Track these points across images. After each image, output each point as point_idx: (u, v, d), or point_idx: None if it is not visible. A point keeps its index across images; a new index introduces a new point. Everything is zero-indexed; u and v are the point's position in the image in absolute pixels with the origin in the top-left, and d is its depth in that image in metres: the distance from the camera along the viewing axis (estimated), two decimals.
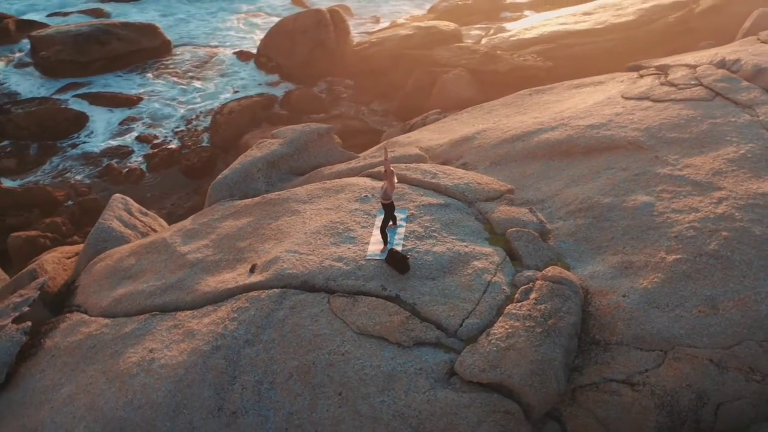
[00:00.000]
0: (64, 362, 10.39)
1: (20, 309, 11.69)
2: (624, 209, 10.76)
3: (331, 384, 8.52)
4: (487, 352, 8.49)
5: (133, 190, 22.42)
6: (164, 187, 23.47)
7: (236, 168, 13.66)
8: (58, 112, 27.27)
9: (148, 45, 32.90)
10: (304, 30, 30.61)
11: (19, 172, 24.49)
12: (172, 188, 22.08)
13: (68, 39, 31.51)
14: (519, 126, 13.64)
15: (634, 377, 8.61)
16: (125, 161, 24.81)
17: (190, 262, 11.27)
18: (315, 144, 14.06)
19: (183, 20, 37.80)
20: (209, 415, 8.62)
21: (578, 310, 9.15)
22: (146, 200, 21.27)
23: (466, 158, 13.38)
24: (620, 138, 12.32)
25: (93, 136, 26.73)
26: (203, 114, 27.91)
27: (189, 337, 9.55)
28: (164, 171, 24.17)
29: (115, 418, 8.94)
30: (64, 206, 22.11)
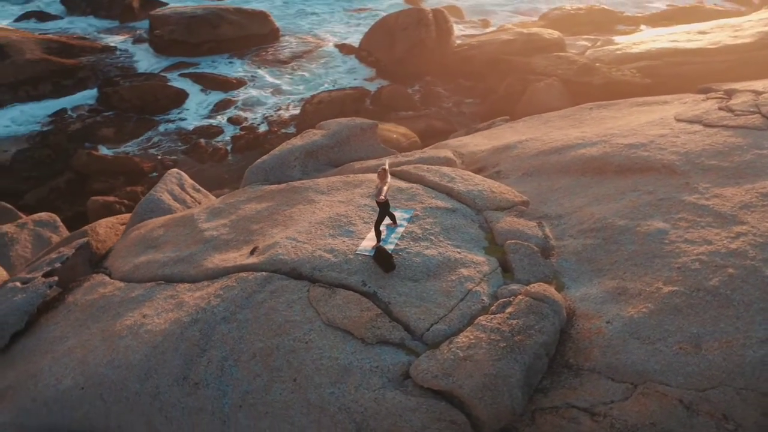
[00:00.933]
0: (76, 318, 11.19)
1: (53, 265, 12.66)
2: (636, 233, 10.36)
3: (289, 369, 8.77)
4: (444, 359, 8.47)
5: (213, 169, 23.56)
6: (243, 168, 24.39)
7: (275, 154, 14.16)
8: (160, 89, 29.00)
9: (257, 31, 34.32)
10: (404, 27, 30.98)
11: (116, 142, 26.26)
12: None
13: (182, 20, 33.41)
14: (561, 139, 13.35)
15: (597, 407, 8.32)
16: (213, 140, 26.02)
17: (205, 238, 11.83)
18: (357, 138, 14.34)
19: (295, 10, 39.04)
20: (174, 383, 9.08)
21: (553, 330, 8.93)
22: (223, 180, 22.30)
23: (501, 166, 13.25)
24: (655, 160, 11.83)
25: (189, 113, 28.23)
26: (295, 102, 28.83)
27: (177, 308, 10.08)
28: (247, 153, 25.19)
29: (96, 374, 9.57)
30: (148, 177, 23.51)
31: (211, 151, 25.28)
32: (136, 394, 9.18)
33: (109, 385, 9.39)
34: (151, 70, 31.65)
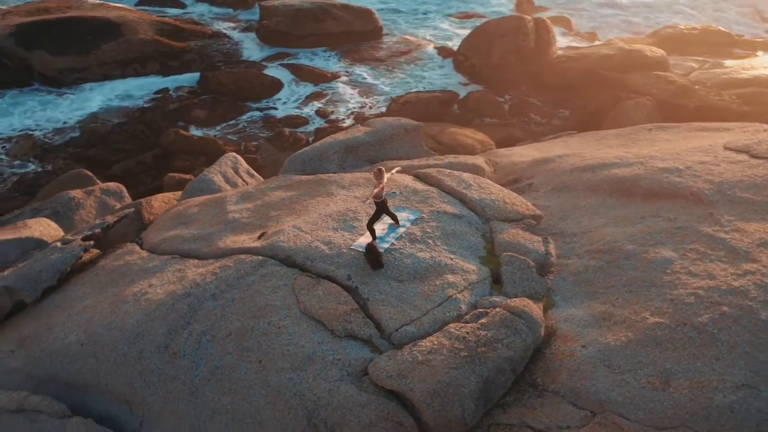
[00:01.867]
0: (99, 281, 12.00)
1: (93, 230, 13.59)
2: (641, 260, 10.02)
3: (258, 351, 9.10)
4: (403, 360, 8.56)
5: None
6: None
7: (315, 146, 14.57)
8: (256, 77, 30.19)
9: (360, 28, 35.05)
10: (502, 34, 30.77)
11: (206, 124, 27.59)
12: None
13: (289, 12, 34.60)
14: (601, 157, 13.01)
15: (551, 430, 8.18)
16: (297, 130, 26.85)
17: (227, 219, 12.37)
18: (400, 138, 14.52)
19: (401, 11, 39.47)
20: (156, 350, 9.62)
21: (523, 347, 8.81)
22: None
23: (535, 179, 13.08)
24: (685, 187, 11.34)
25: (280, 103, 29.25)
26: (383, 100, 29.27)
27: (179, 281, 10.64)
28: None
29: (95, 334, 10.27)
30: None
31: (293, 140, 26.11)
32: (123, 355, 9.77)
33: (102, 345, 10.04)
34: (254, 58, 32.98)
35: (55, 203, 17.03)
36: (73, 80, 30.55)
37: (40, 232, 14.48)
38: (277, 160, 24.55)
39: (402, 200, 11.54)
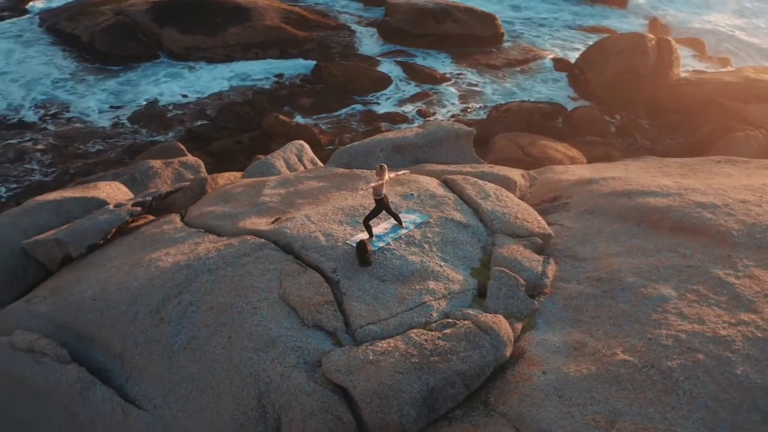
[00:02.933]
0: (134, 244, 12.86)
1: (146, 197, 14.51)
2: (637, 294, 9.59)
3: (231, 327, 9.53)
4: (355, 357, 8.70)
5: None
6: None
7: (364, 142, 14.86)
8: (366, 71, 30.86)
9: (480, 33, 34.89)
10: (619, 51, 29.68)
11: (309, 112, 28.54)
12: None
13: (410, 11, 35.02)
14: (643, 184, 12.45)
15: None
16: (395, 127, 27.22)
17: (258, 202, 12.90)
18: (450, 143, 14.52)
19: (526, 19, 38.80)
20: (148, 314, 10.26)
21: (480, 363, 8.71)
22: None
23: (572, 199, 12.73)
24: (713, 225, 10.69)
25: (384, 99, 29.75)
26: (486, 107, 29.08)
27: (189, 253, 11.26)
28: None
29: (106, 291, 11.08)
30: (324, 149, 25.31)
31: None
32: (121, 314, 10.49)
33: (108, 302, 10.81)
34: (370, 53, 33.66)
35: (134, 170, 18.24)
36: (197, 58, 32.42)
37: (106, 194, 15.59)
38: None
39: (416, 203, 11.60)
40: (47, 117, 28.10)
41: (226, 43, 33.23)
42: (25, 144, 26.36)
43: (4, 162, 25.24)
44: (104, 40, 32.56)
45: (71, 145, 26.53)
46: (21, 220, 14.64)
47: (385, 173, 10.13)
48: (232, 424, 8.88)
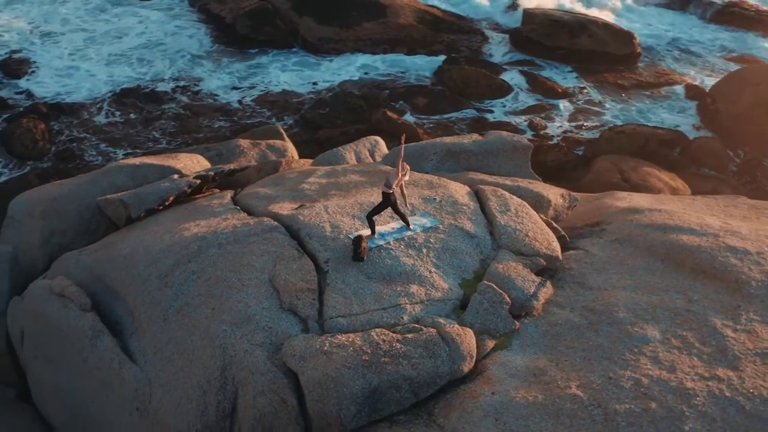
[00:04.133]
0: (181, 214, 13.66)
1: (209, 173, 15.31)
2: (621, 330, 9.16)
3: (217, 299, 10.06)
4: (312, 345, 8.94)
5: None
6: None
7: (420, 144, 14.98)
8: (485, 78, 30.66)
9: (615, 51, 33.58)
10: (756, 83, 27.60)
11: (421, 111, 28.88)
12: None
13: (545, 21, 34.35)
14: (686, 220, 11.70)
15: None
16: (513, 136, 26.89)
17: (297, 188, 13.35)
18: (507, 155, 14.29)
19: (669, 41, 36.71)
20: (157, 277, 11.00)
21: (431, 373, 8.72)
22: None
23: (611, 226, 12.22)
24: (735, 271, 9.95)
25: (499, 107, 29.47)
26: (600, 126, 28.08)
27: (213, 227, 11.89)
28: None
29: (136, 252, 11.95)
30: None
31: None
32: (138, 274, 11.29)
33: (133, 261, 11.66)
34: (496, 60, 33.34)
35: (223, 147, 19.28)
36: (328, 49, 33.49)
37: (183, 165, 16.59)
38: None
39: (435, 208, 11.59)
40: (179, 89, 30.07)
41: (357, 37, 34.10)
42: (155, 113, 28.32)
43: (133, 128, 27.32)
44: (245, 24, 34.35)
45: (195, 119, 28.27)
46: (101, 179, 15.88)
47: (407, 172, 10.28)
48: (197, 389, 9.37)
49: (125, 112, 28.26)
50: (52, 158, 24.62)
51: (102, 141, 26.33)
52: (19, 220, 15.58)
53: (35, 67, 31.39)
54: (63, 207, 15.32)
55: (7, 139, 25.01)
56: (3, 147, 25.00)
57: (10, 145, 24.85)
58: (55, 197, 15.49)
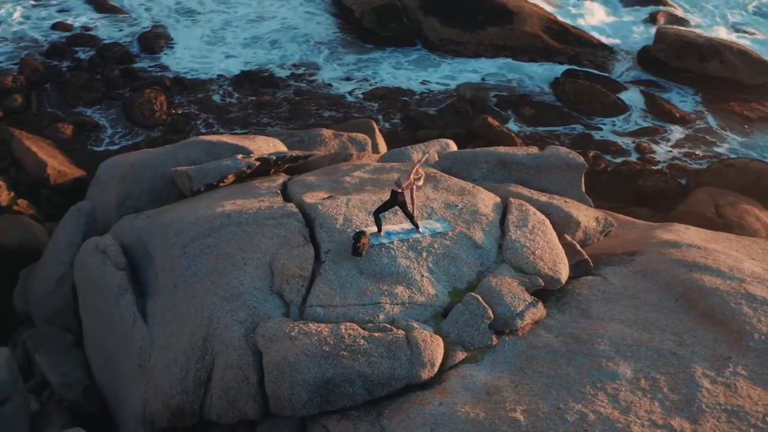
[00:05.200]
0: (233, 191, 14.24)
1: (270, 156, 15.87)
2: (593, 364, 8.83)
3: (218, 274, 10.62)
4: (282, 329, 9.28)
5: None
6: (607, 190, 24.09)
7: (473, 151, 14.87)
8: (599, 94, 29.57)
9: (747, 80, 31.28)
10: None
11: (526, 121, 28.35)
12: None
13: (676, 42, 32.58)
14: (718, 260, 10.96)
15: None
16: (606, 156, 26.02)
17: (338, 180, 13.63)
18: (559, 172, 13.86)
19: None
20: (179, 246, 11.71)
21: (387, 374, 8.83)
22: None
23: (642, 258, 11.61)
24: (741, 321, 9.29)
25: (609, 125, 28.38)
26: (711, 157, 26.44)
27: (243, 205, 12.38)
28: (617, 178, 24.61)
29: (173, 221, 12.76)
30: None
31: (592, 162, 25.39)
32: (167, 241, 12.05)
33: (167, 230, 12.46)
34: (618, 77, 32.11)
35: (306, 134, 19.90)
36: (448, 51, 33.52)
37: (257, 146, 17.30)
38: None
39: (453, 215, 11.53)
40: (296, 76, 31.09)
41: (480, 41, 33.88)
42: (270, 97, 29.45)
43: (245, 110, 28.52)
44: (371, 19, 34.99)
45: (307, 106, 29.14)
46: (178, 151, 16.88)
47: (421, 180, 10.37)
48: (182, 355, 9.90)
49: (242, 93, 29.52)
50: (163, 129, 26.18)
51: (214, 119, 27.69)
52: (103, 180, 16.83)
53: (172, 44, 33.30)
54: (140, 173, 16.37)
55: (129, 107, 26.85)
56: (124, 114, 26.83)
57: (131, 112, 26.67)
58: (134, 163, 16.60)
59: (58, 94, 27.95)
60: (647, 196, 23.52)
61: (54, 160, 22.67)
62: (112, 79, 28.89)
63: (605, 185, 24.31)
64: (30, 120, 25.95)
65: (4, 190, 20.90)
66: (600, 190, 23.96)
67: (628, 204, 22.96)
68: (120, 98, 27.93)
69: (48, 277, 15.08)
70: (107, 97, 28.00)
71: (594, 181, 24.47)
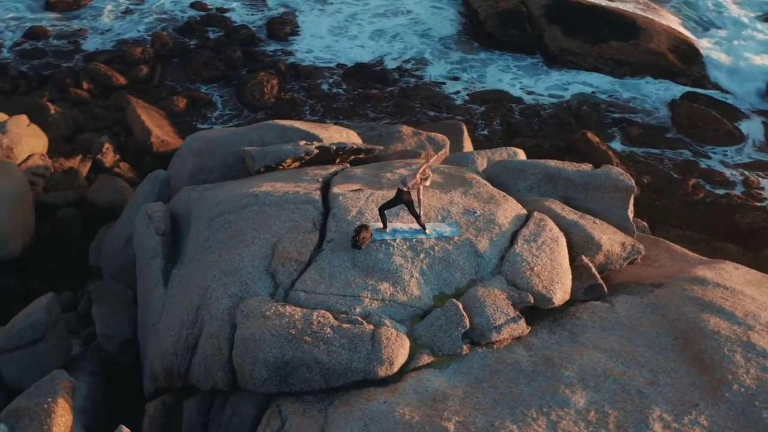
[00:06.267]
0: (285, 174, 14.63)
1: (331, 145, 16.21)
2: (550, 388, 8.59)
3: (226, 248, 11.17)
4: (260, 308, 9.67)
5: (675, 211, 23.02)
6: (699, 221, 22.85)
7: (522, 161, 14.57)
8: (714, 121, 27.80)
9: None
10: None
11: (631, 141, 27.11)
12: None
13: None
14: (738, 303, 10.19)
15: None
16: (707, 185, 24.63)
17: (379, 175, 13.76)
18: (606, 193, 13.28)
19: None
20: (207, 220, 12.37)
21: (346, 366, 9.02)
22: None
23: (662, 291, 10.95)
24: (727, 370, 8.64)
25: (719, 154, 26.71)
26: None
27: (276, 188, 12.80)
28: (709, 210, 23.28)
29: (213, 196, 13.36)
30: None
31: (691, 191, 24.04)
32: (200, 214, 12.82)
33: (206, 202, 13.11)
34: (741, 106, 30.07)
35: (384, 129, 20.15)
36: (565, 62, 32.65)
37: (328, 136, 17.74)
38: (664, 207, 23.26)
39: (468, 221, 11.40)
40: (407, 72, 31.35)
41: (600, 54, 32.73)
42: (376, 91, 29.85)
43: (351, 101, 29.08)
44: (494, 23, 34.64)
45: (412, 103, 29.34)
46: (253, 132, 17.62)
47: (428, 180, 10.42)
48: (179, 320, 10.53)
49: (351, 85, 30.07)
50: (268, 111, 27.21)
51: (320, 107, 28.44)
52: (184, 153, 17.83)
53: (298, 31, 34.30)
54: (215, 148, 17.20)
55: (242, 87, 28.13)
56: (235, 94, 28.12)
57: (242, 93, 27.95)
58: (211, 139, 17.50)
59: (181, 69, 29.65)
60: (742, 232, 22.03)
61: (160, 129, 24.16)
62: (234, 59, 30.20)
63: (699, 216, 23.03)
64: (150, 90, 27.74)
65: (110, 152, 22.50)
66: (692, 220, 22.75)
67: (719, 238, 21.65)
68: (237, 79, 29.19)
69: (119, 236, 16.17)
70: (225, 76, 29.36)
71: (688, 210, 23.24)
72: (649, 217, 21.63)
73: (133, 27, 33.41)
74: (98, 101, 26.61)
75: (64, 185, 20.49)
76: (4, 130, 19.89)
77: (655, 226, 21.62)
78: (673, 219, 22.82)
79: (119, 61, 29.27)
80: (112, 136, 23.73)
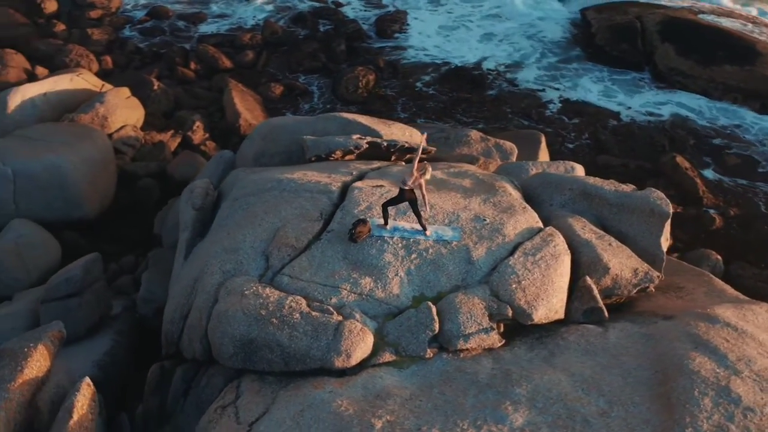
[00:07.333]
0: (323, 165, 14.92)
1: (383, 141, 16.32)
2: (494, 403, 8.42)
3: (237, 226, 11.63)
4: (241, 286, 10.06)
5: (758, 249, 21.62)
6: None
7: (560, 175, 14.11)
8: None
9: None
10: None
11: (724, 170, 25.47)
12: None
13: None
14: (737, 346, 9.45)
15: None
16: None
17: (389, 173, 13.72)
18: (641, 216, 12.58)
19: None
20: (233, 199, 12.89)
21: (304, 351, 9.24)
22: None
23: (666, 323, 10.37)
24: (690, 413, 8.06)
25: None
26: None
27: (302, 177, 13.04)
28: None
29: (249, 179, 13.74)
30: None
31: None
32: (233, 194, 13.18)
33: (242, 183, 13.54)
34: None
35: (452, 132, 19.97)
36: (673, 82, 31.09)
37: (390, 133, 17.78)
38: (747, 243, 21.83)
39: (475, 227, 11.20)
40: (503, 77, 30.84)
41: (711, 77, 30.91)
42: (468, 94, 29.54)
43: (441, 103, 28.76)
44: (604, 36, 33.56)
45: (503, 108, 28.79)
46: (316, 122, 18.02)
47: (428, 173, 10.34)
48: (181, 290, 11.09)
49: (446, 87, 29.97)
50: (358, 105, 27.56)
51: (411, 104, 28.55)
52: (253, 137, 18.47)
53: (407, 29, 34.52)
54: (278, 135, 17.70)
55: (339, 80, 28.67)
56: (332, 85, 28.70)
57: (337, 86, 28.49)
58: (278, 125, 18.02)
59: (285, 58, 30.59)
60: None
61: (250, 113, 25.07)
62: (337, 53, 30.83)
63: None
64: (252, 75, 28.82)
65: (200, 130, 23.60)
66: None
67: None
68: (337, 72, 29.76)
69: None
70: (326, 68, 30.00)
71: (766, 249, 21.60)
72: (728, 250, 20.38)
73: (252, 14, 34.73)
74: (202, 81, 27.93)
75: (151, 157, 21.70)
76: (103, 100, 21.29)
77: (732, 261, 20.35)
78: (753, 256, 21.25)
79: (228, 45, 30.59)
80: (206, 116, 24.82)
